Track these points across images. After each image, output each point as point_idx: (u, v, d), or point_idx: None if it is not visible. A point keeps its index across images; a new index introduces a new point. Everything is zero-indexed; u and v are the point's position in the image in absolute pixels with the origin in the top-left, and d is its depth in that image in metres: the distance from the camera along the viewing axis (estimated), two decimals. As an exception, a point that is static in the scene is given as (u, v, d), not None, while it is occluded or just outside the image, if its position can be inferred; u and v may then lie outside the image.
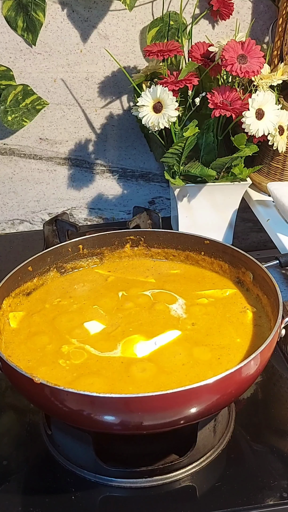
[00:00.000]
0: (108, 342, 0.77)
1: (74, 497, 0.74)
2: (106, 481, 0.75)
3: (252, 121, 1.02)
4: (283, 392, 0.90)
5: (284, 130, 1.09)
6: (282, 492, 0.73)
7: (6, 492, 0.75)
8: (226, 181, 1.10)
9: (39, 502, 0.73)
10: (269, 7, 1.16)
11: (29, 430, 0.83)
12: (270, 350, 0.72)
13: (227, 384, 0.67)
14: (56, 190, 1.26)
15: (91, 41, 1.14)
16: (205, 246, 0.92)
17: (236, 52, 1.01)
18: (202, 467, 0.77)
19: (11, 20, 1.10)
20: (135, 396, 0.65)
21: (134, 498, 0.74)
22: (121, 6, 1.11)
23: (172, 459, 0.76)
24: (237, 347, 0.76)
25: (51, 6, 1.10)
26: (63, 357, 0.75)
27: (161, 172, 1.28)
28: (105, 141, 1.23)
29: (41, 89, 1.17)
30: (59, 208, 1.27)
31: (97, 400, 0.64)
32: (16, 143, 1.21)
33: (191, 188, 1.10)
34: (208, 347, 0.76)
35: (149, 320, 0.81)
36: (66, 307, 0.84)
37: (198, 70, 1.09)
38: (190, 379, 0.71)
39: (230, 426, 0.82)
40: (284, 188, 1.09)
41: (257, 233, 1.33)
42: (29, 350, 0.77)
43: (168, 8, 1.13)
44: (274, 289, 0.79)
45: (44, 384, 0.65)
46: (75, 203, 1.27)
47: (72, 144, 1.23)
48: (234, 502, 0.73)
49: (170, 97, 1.01)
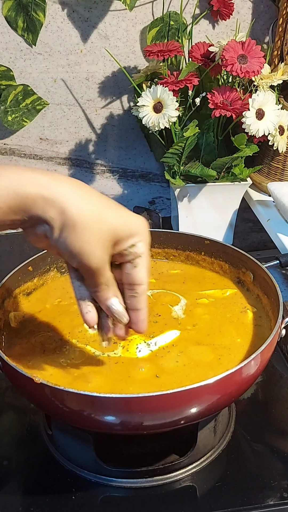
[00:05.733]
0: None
1: (74, 497, 0.74)
2: (106, 481, 0.75)
3: (252, 121, 1.02)
4: (283, 392, 0.90)
5: (284, 130, 1.09)
6: (282, 492, 0.73)
7: (6, 492, 0.75)
8: (227, 181, 1.10)
9: (40, 502, 0.73)
10: (269, 7, 1.16)
11: (29, 430, 0.83)
12: (270, 350, 0.72)
13: (228, 384, 0.67)
14: (56, 190, 1.26)
15: (92, 41, 1.14)
16: (205, 246, 0.92)
17: (236, 52, 1.01)
18: (202, 467, 0.77)
19: (11, 20, 1.10)
20: (136, 396, 0.65)
21: (135, 498, 0.74)
22: (121, 6, 1.11)
23: (173, 459, 0.76)
24: (238, 347, 0.76)
25: (51, 6, 1.10)
26: (63, 357, 0.75)
27: (161, 172, 1.28)
28: (106, 141, 1.23)
29: (41, 89, 1.17)
30: (59, 208, 1.27)
31: (97, 400, 0.64)
32: (16, 143, 1.21)
33: (192, 188, 1.10)
34: (208, 347, 0.76)
35: (149, 320, 0.81)
36: (66, 307, 0.84)
37: (199, 70, 1.09)
38: (191, 379, 0.71)
39: (231, 426, 0.82)
40: (285, 188, 1.09)
41: (258, 233, 1.33)
42: (30, 350, 0.77)
43: (168, 8, 1.13)
44: (274, 289, 0.79)
45: (44, 384, 0.65)
46: (75, 203, 1.27)
47: (73, 144, 1.23)
48: (234, 502, 0.73)
49: (170, 97, 1.01)
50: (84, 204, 0.59)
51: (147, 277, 0.65)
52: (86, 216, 0.58)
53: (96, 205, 0.60)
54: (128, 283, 0.65)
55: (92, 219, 0.59)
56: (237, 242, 1.25)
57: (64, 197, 0.58)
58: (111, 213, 0.61)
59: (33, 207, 0.58)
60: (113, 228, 0.60)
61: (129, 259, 0.63)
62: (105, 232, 0.60)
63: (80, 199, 0.59)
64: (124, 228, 0.61)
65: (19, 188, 0.57)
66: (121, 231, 0.61)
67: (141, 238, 0.63)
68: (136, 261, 0.63)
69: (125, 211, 0.63)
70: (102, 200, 0.61)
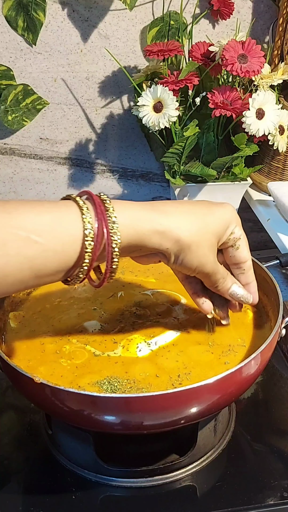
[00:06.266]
0: (108, 342, 0.77)
1: (74, 497, 0.74)
2: (106, 480, 0.75)
3: (252, 121, 1.02)
4: (283, 392, 0.90)
5: (284, 129, 1.09)
6: (282, 492, 0.73)
7: (6, 492, 0.75)
8: (227, 180, 1.10)
9: (40, 502, 0.73)
10: (270, 6, 1.16)
11: (30, 430, 0.83)
12: (270, 350, 0.72)
13: (228, 384, 0.67)
14: (57, 190, 1.26)
15: (92, 40, 1.14)
16: (205, 246, 0.91)
17: (236, 52, 1.01)
18: (202, 467, 0.77)
19: (11, 19, 1.10)
20: (136, 396, 0.65)
21: (135, 498, 0.74)
22: (121, 5, 1.11)
23: (173, 459, 0.76)
24: (238, 347, 0.76)
25: (52, 6, 1.10)
26: (63, 357, 0.75)
27: (161, 172, 1.28)
28: (106, 140, 1.23)
29: (41, 88, 1.17)
30: (60, 208, 1.27)
31: (97, 400, 0.64)
32: (17, 142, 1.21)
33: (192, 188, 1.10)
34: (208, 347, 0.76)
35: (149, 320, 0.81)
36: (66, 307, 0.84)
37: (199, 70, 1.09)
38: (191, 379, 0.71)
39: (231, 426, 0.82)
40: (285, 188, 1.10)
41: (258, 233, 1.33)
42: (30, 350, 0.77)
43: (169, 7, 1.13)
44: (274, 288, 0.79)
45: (44, 384, 0.65)
46: (76, 202, 1.27)
47: (73, 143, 1.23)
48: (234, 502, 0.73)
49: (170, 97, 1.01)
50: (189, 226, 0.64)
51: (248, 252, 0.71)
52: (195, 235, 0.64)
53: (197, 220, 0.65)
54: (234, 263, 0.71)
55: (199, 234, 0.64)
56: (237, 241, 1.25)
57: (174, 226, 0.63)
58: (208, 218, 0.66)
59: (149, 242, 0.62)
60: (215, 232, 0.66)
61: (230, 244, 0.69)
62: (212, 239, 0.66)
63: (186, 221, 0.64)
64: (221, 224, 0.67)
65: (137, 225, 0.61)
66: (221, 229, 0.67)
67: (235, 223, 0.68)
68: (237, 243, 0.69)
69: (213, 206, 0.67)
70: (196, 210, 0.66)
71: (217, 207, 0.67)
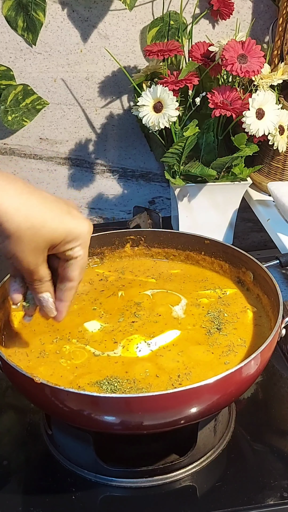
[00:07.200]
0: (108, 342, 0.77)
1: (74, 497, 0.74)
2: (106, 481, 0.75)
3: (252, 121, 1.02)
4: (283, 392, 0.90)
5: (284, 129, 1.09)
6: (282, 492, 0.73)
7: (6, 492, 0.75)
8: (227, 180, 1.10)
9: (40, 502, 0.73)
10: (269, 6, 1.16)
11: (30, 430, 0.83)
12: (270, 350, 0.72)
13: (228, 384, 0.67)
14: (56, 190, 1.26)
15: (91, 41, 1.14)
16: (205, 246, 0.92)
17: (236, 52, 1.01)
18: (202, 467, 0.77)
19: (11, 20, 1.10)
20: (136, 396, 0.65)
21: (135, 498, 0.74)
22: (121, 5, 1.11)
23: (173, 459, 0.76)
24: (238, 347, 0.76)
25: (51, 6, 1.10)
26: (63, 357, 0.75)
27: (161, 172, 1.28)
28: (105, 141, 1.23)
29: (41, 89, 1.17)
30: (59, 208, 1.27)
31: (97, 400, 0.64)
32: (16, 143, 1.21)
33: (192, 188, 1.10)
34: (208, 347, 0.76)
35: (149, 320, 0.81)
36: (66, 307, 0.84)
37: (199, 70, 1.09)
38: (191, 379, 0.71)
39: (231, 426, 0.82)
40: (285, 188, 1.09)
41: (258, 233, 1.33)
42: (30, 350, 0.77)
43: (168, 7, 1.13)
44: (274, 288, 0.79)
45: (44, 384, 0.65)
46: (75, 203, 1.27)
47: (72, 144, 1.23)
48: (234, 502, 0.73)
49: (170, 97, 1.01)
50: (22, 219, 0.61)
51: (79, 276, 0.69)
52: (22, 230, 0.61)
53: (36, 216, 0.62)
54: (61, 275, 0.69)
55: (27, 233, 0.62)
56: (237, 242, 1.25)
57: (6, 211, 0.60)
58: (51, 221, 0.63)
59: None
60: (49, 239, 0.63)
61: (64, 258, 0.67)
62: (40, 243, 0.63)
63: (19, 212, 0.61)
64: (61, 235, 0.64)
65: None
66: (57, 239, 0.64)
67: (80, 242, 0.66)
68: (70, 261, 0.67)
69: (68, 216, 0.65)
70: (45, 206, 0.63)
71: (72, 218, 0.65)
